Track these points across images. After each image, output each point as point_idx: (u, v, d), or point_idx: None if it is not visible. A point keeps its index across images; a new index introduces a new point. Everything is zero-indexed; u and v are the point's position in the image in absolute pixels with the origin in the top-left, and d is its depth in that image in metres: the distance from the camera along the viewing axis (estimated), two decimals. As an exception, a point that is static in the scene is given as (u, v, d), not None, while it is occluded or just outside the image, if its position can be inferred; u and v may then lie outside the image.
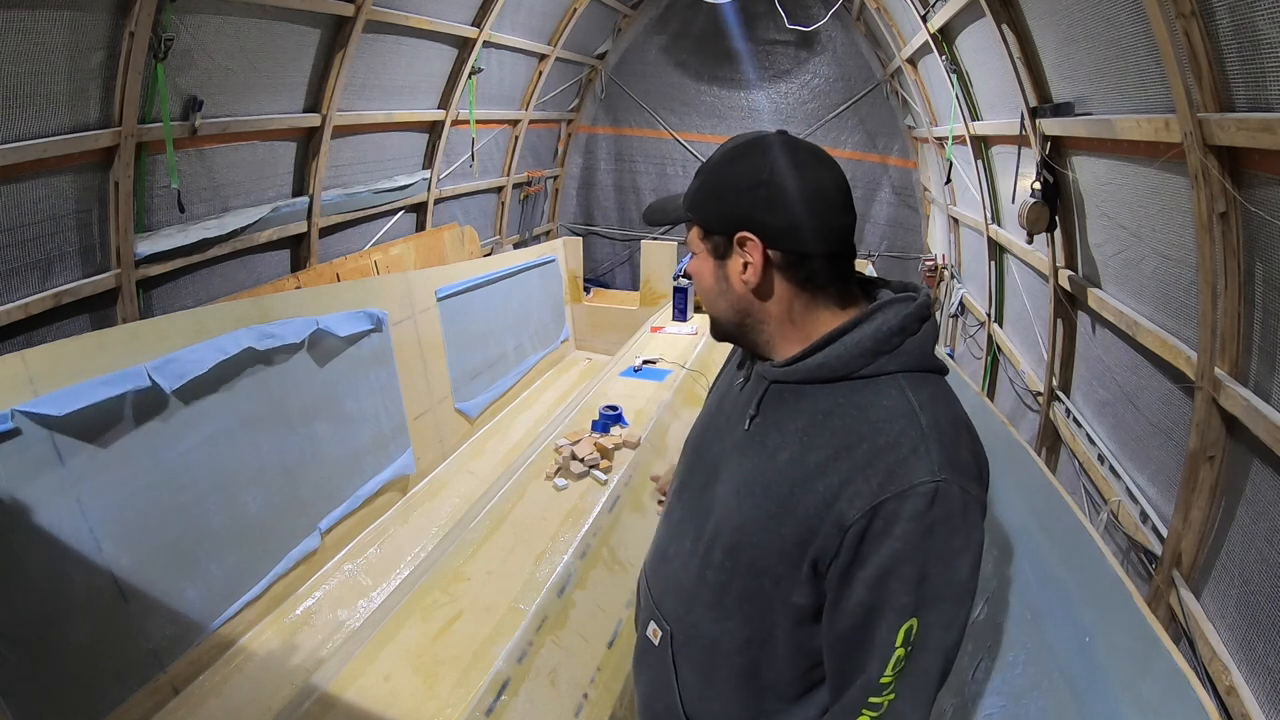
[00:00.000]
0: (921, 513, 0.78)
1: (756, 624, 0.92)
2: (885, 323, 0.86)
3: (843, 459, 0.83)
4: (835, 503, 0.82)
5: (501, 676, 1.61)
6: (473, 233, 5.82)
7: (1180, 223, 2.13)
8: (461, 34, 4.84)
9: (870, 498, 0.79)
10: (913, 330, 0.87)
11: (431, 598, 1.87)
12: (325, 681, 1.58)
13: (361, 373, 3.18)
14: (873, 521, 0.79)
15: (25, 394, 1.92)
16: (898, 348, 0.86)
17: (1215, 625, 1.89)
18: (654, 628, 1.03)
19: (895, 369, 0.86)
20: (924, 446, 0.80)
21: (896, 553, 0.78)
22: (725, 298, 0.94)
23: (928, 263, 6.26)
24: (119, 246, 2.96)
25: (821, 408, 0.87)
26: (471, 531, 2.14)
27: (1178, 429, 2.21)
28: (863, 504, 0.80)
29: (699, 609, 0.97)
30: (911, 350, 0.87)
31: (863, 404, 0.85)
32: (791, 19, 6.43)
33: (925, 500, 0.78)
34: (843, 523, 0.81)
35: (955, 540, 0.79)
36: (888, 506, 0.79)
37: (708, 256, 0.94)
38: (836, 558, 0.82)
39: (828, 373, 0.87)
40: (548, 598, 1.86)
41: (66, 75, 2.55)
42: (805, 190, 0.86)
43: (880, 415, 0.83)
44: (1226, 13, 1.64)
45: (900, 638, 0.79)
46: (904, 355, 0.86)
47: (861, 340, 0.86)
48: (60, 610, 1.95)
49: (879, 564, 0.79)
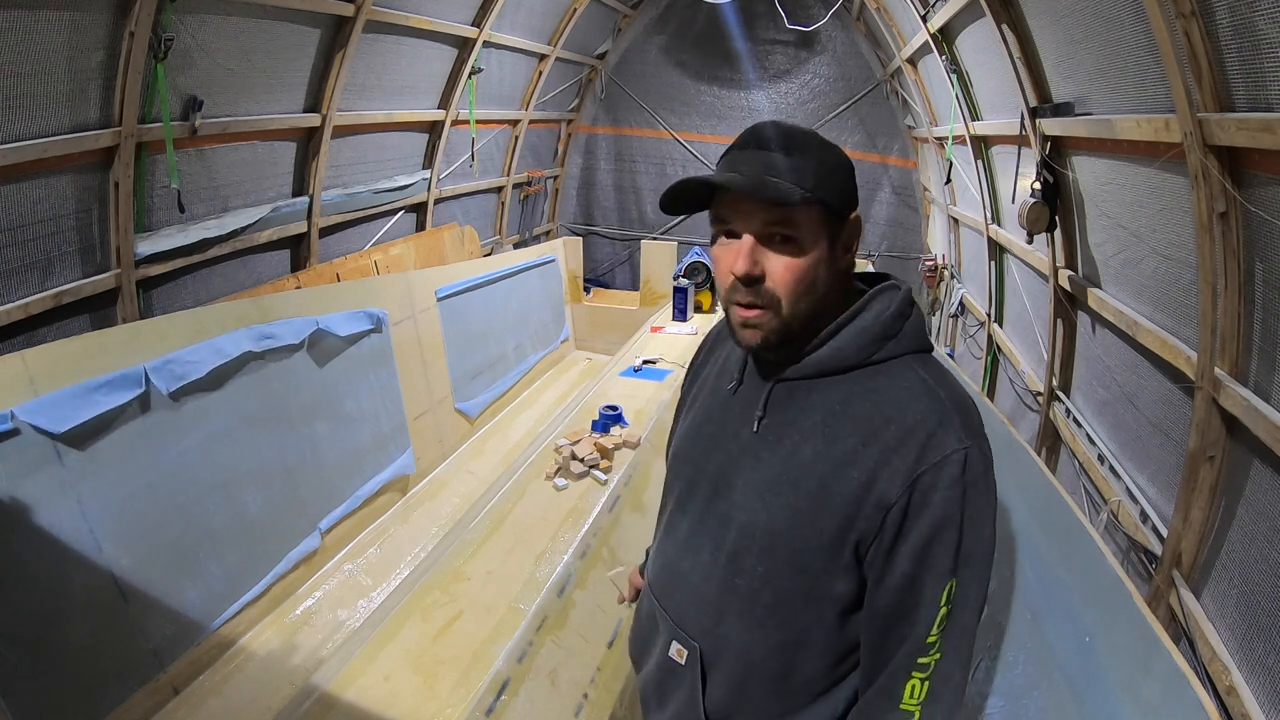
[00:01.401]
0: (957, 479, 0.83)
1: (791, 625, 0.93)
2: (885, 310, 0.90)
3: (871, 444, 0.86)
4: (874, 485, 0.85)
5: (501, 676, 1.61)
6: (473, 233, 5.82)
7: (1180, 223, 2.13)
8: (461, 34, 4.84)
9: (908, 474, 0.83)
10: (908, 314, 0.92)
11: (431, 598, 1.87)
12: (325, 681, 1.58)
13: (361, 373, 3.18)
14: (912, 496, 0.83)
15: (25, 394, 1.92)
16: (900, 332, 0.90)
17: (1215, 625, 1.89)
18: (678, 648, 1.01)
19: (903, 351, 0.90)
20: (949, 419, 0.85)
21: (937, 520, 0.83)
22: (827, 285, 0.89)
23: (928, 263, 6.26)
24: (119, 246, 2.96)
25: (837, 399, 0.90)
26: (471, 531, 2.14)
27: (1178, 429, 2.21)
28: (902, 481, 0.83)
29: (730, 619, 0.96)
30: (911, 333, 0.91)
31: (878, 388, 0.89)
32: (791, 19, 6.43)
33: (959, 467, 0.83)
34: (884, 503, 0.84)
35: (982, 500, 0.85)
36: (925, 479, 0.83)
37: (825, 240, 0.88)
38: (879, 538, 0.86)
39: (841, 362, 0.90)
40: (548, 598, 1.86)
41: (66, 75, 2.55)
42: None
43: (900, 396, 0.87)
44: (1226, 13, 1.64)
45: (945, 597, 0.83)
46: (906, 338, 0.91)
47: (868, 328, 0.90)
48: (60, 610, 1.95)
49: (921, 534, 0.83)
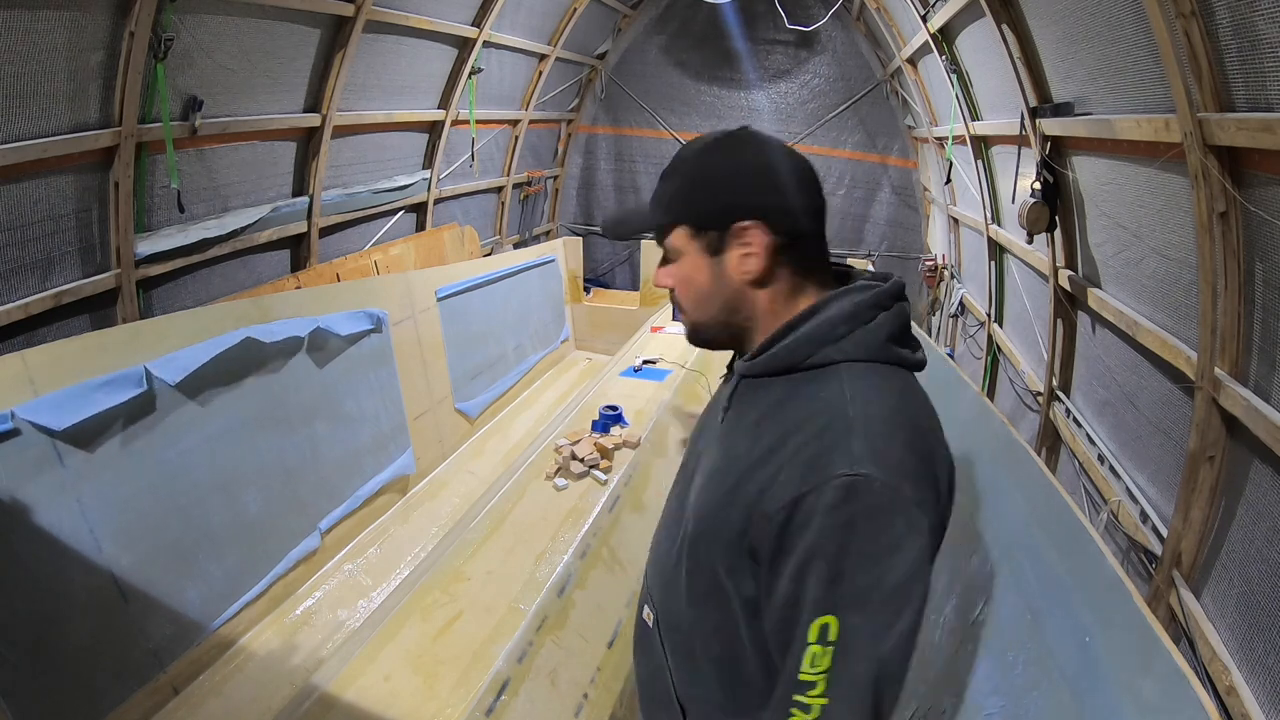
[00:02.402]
0: (835, 506, 0.76)
1: (722, 614, 0.92)
2: (836, 311, 0.86)
3: (779, 450, 0.83)
4: (767, 492, 0.82)
5: (501, 676, 1.61)
6: (473, 233, 5.82)
7: (1180, 223, 2.13)
8: (461, 34, 4.84)
9: (793, 490, 0.79)
10: (865, 319, 0.86)
11: (431, 598, 1.87)
12: (325, 681, 1.58)
13: (361, 373, 3.18)
14: (793, 514, 0.78)
15: (25, 394, 1.92)
16: (843, 337, 0.85)
17: (1215, 625, 1.89)
18: (647, 610, 1.07)
19: (840, 359, 0.85)
20: (846, 440, 0.78)
21: (811, 546, 0.77)
22: (720, 295, 0.93)
23: (928, 263, 6.26)
24: (119, 246, 2.96)
25: (775, 398, 0.88)
26: (471, 531, 2.14)
27: (1178, 429, 2.21)
28: (785, 496, 0.79)
29: (674, 596, 0.99)
30: (861, 340, 0.85)
31: (808, 395, 0.85)
32: (791, 19, 6.43)
33: (840, 494, 0.76)
34: (768, 513, 0.81)
35: (881, 539, 0.76)
36: (807, 500, 0.77)
37: (699, 255, 0.92)
38: (766, 548, 0.82)
39: (778, 364, 0.88)
40: (548, 598, 1.86)
41: (66, 75, 2.55)
42: (796, 172, 0.90)
43: (816, 407, 0.83)
44: (1226, 13, 1.64)
45: (815, 634, 0.76)
46: (850, 345, 0.85)
47: (808, 332, 0.86)
48: (60, 610, 1.95)
49: (798, 557, 0.78)
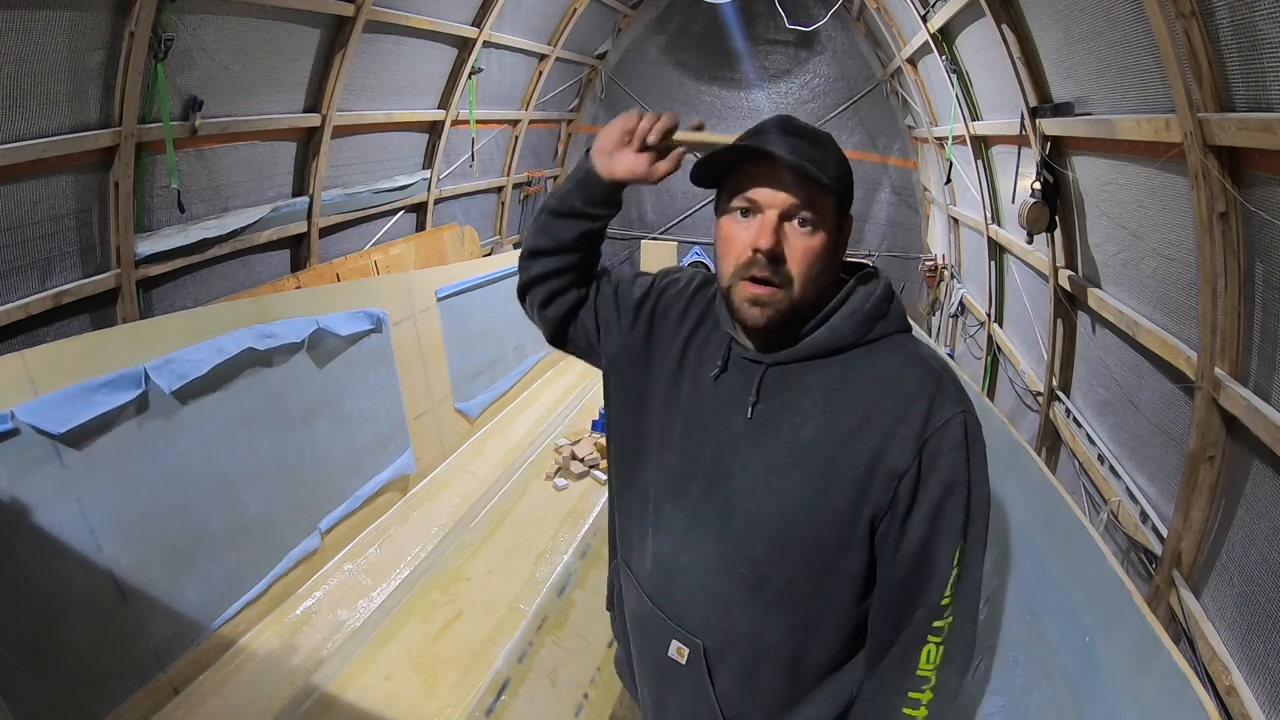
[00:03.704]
0: (960, 440, 0.88)
1: (804, 608, 0.95)
2: (873, 293, 0.96)
3: (875, 417, 0.90)
4: (883, 456, 0.88)
5: (501, 676, 1.61)
6: (473, 233, 5.82)
7: (1180, 223, 2.13)
8: (461, 34, 4.84)
9: (916, 440, 0.88)
10: (892, 297, 0.98)
11: (431, 598, 1.87)
12: (325, 681, 1.58)
13: (361, 373, 3.18)
14: (922, 460, 0.88)
15: (25, 394, 1.92)
16: (888, 313, 0.96)
17: (1215, 625, 1.89)
18: (678, 646, 1.00)
19: (892, 330, 0.96)
20: (945, 386, 0.91)
21: (946, 481, 0.88)
22: (828, 271, 0.95)
23: (928, 263, 6.26)
24: (119, 246, 2.96)
25: (833, 378, 0.93)
26: (471, 531, 2.14)
27: (1178, 429, 2.21)
28: (911, 448, 0.88)
29: (737, 609, 0.96)
30: (897, 314, 0.97)
31: (873, 365, 0.93)
32: (791, 19, 6.43)
33: (960, 430, 0.88)
34: (896, 471, 0.88)
35: (981, 461, 0.90)
36: (931, 443, 0.88)
37: (832, 232, 0.93)
38: (892, 508, 0.89)
39: (838, 342, 0.94)
40: (548, 598, 1.86)
41: (66, 75, 2.55)
42: None
43: (897, 370, 0.92)
44: (1226, 13, 1.64)
45: (956, 558, 0.88)
46: (894, 318, 0.97)
47: (860, 310, 0.94)
48: (60, 610, 1.95)
49: (933, 497, 0.88)
